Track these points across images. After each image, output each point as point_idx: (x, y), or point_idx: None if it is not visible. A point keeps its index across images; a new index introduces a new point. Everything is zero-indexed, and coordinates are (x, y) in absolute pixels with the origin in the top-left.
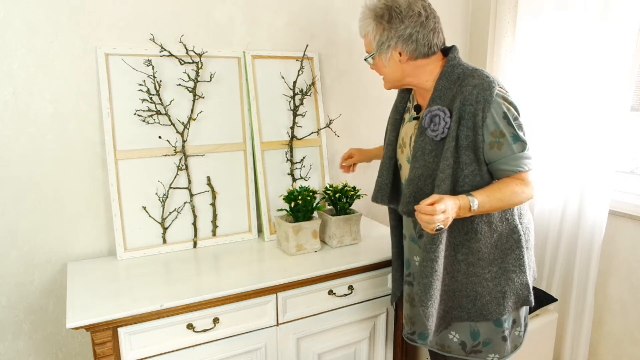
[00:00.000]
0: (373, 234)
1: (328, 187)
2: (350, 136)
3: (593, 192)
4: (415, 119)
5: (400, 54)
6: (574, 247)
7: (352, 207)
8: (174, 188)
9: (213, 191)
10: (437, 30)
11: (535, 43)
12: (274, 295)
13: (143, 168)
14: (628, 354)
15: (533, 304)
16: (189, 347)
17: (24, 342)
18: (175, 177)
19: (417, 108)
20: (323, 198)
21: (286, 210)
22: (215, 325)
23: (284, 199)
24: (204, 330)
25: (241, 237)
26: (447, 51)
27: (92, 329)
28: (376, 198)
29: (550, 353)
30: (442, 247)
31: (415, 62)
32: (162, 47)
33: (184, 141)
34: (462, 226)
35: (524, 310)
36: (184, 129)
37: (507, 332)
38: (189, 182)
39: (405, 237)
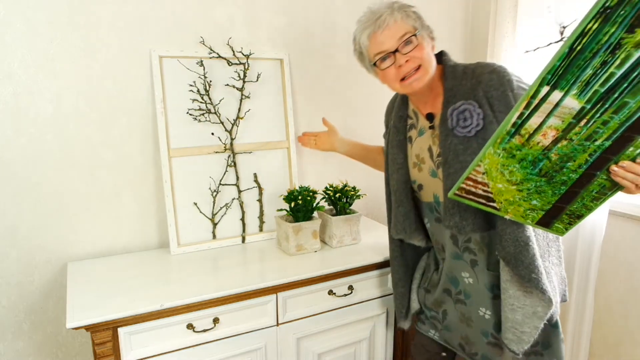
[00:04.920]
0: (373, 234)
1: (328, 187)
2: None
3: None
4: (431, 127)
5: (433, 48)
6: (574, 247)
7: (352, 207)
8: (223, 185)
9: (260, 187)
10: None
11: (535, 43)
12: (274, 295)
13: (194, 165)
14: (628, 354)
15: (567, 299)
16: (189, 347)
17: (24, 342)
18: (225, 173)
19: (430, 116)
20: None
21: (286, 210)
22: (215, 325)
23: (284, 199)
24: (204, 330)
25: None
26: (438, 57)
27: (92, 329)
28: (404, 230)
29: None
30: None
31: None
32: (211, 49)
33: (232, 139)
34: None
35: None
36: (232, 127)
37: (562, 335)
38: (237, 178)
39: (445, 257)
